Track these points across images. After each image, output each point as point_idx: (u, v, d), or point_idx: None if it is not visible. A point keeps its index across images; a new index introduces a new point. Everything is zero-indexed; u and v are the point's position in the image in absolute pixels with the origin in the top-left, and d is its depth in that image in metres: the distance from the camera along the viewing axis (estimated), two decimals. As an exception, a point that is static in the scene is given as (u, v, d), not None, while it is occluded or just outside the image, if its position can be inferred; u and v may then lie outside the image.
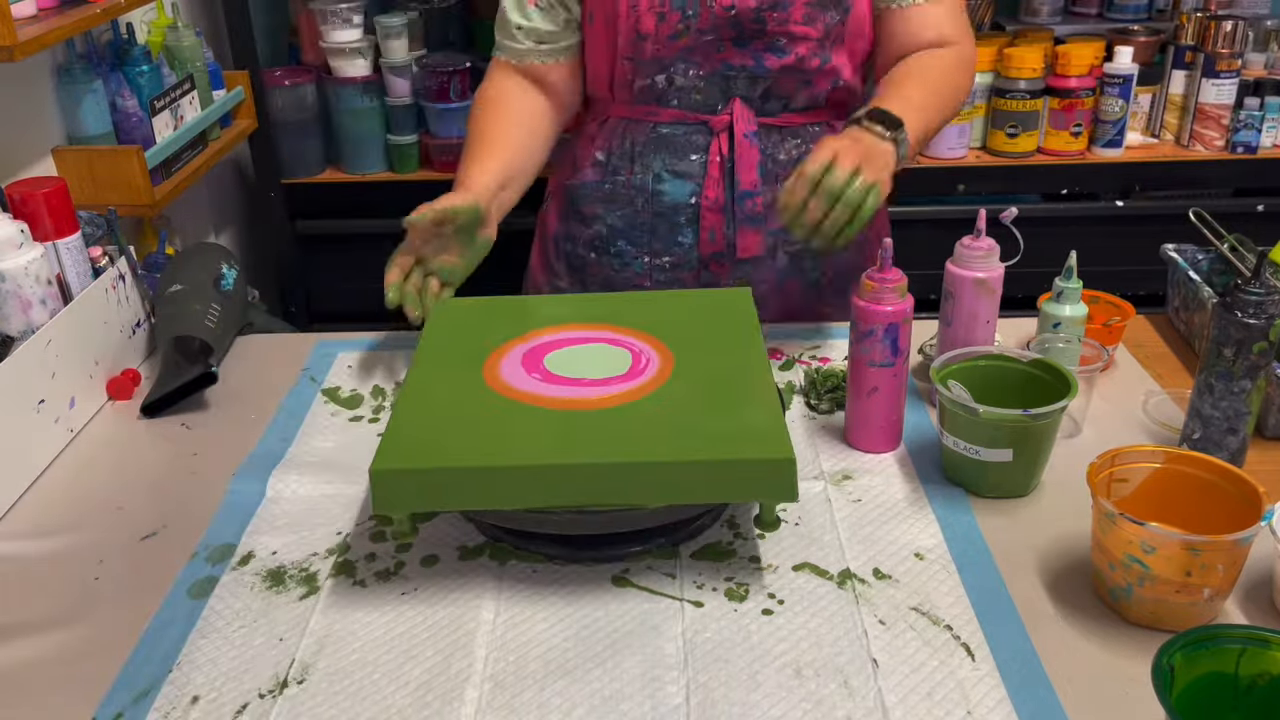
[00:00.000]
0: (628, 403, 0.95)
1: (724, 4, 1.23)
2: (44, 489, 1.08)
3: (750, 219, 1.33)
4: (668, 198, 1.34)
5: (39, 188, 1.21)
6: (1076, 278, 1.15)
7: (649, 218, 1.36)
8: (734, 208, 1.32)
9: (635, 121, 1.34)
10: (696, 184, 1.33)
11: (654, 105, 1.32)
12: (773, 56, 1.27)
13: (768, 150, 1.32)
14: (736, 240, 1.34)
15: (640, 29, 1.26)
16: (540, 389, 0.98)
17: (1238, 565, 0.84)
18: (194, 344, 1.24)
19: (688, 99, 1.31)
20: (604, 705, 0.80)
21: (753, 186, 1.31)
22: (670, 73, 1.29)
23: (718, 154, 1.32)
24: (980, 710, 0.78)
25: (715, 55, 1.27)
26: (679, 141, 1.33)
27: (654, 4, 1.24)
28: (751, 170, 1.31)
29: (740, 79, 1.29)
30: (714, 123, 1.31)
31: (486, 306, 1.18)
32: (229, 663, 0.85)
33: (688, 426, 0.92)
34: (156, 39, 1.90)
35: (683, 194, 1.34)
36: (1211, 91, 2.32)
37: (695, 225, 1.34)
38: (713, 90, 1.30)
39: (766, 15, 1.24)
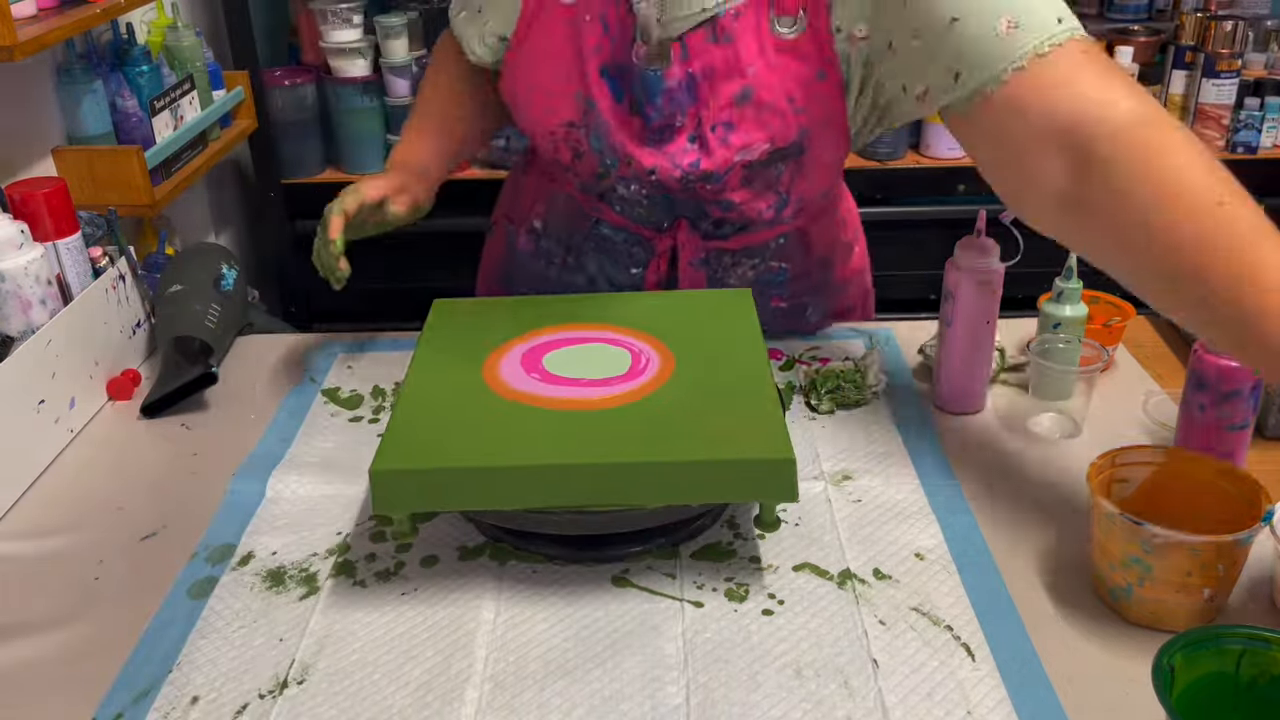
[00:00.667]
0: (628, 403, 0.95)
1: (644, 167, 1.10)
2: (44, 489, 1.08)
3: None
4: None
5: (39, 188, 1.21)
6: (1076, 278, 1.15)
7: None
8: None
9: (579, 210, 1.22)
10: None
11: (597, 200, 1.20)
12: (717, 209, 1.15)
13: (716, 275, 1.21)
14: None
15: (559, 159, 1.16)
16: (539, 389, 0.98)
17: (1238, 565, 0.84)
18: (194, 344, 1.24)
19: (631, 211, 1.19)
20: (604, 705, 0.80)
21: None
22: (613, 181, 1.16)
23: (655, 273, 1.22)
24: (980, 710, 0.78)
25: (656, 192, 1.15)
26: (619, 249, 1.22)
27: (569, 137, 1.12)
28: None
29: (688, 207, 1.17)
30: (657, 244, 1.20)
31: (486, 306, 1.18)
32: (229, 663, 0.85)
33: (687, 427, 0.91)
34: (156, 39, 1.90)
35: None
36: (1211, 91, 2.32)
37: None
38: (655, 208, 1.17)
39: (697, 187, 1.11)
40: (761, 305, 1.16)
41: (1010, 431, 1.13)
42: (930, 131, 2.37)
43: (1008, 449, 1.09)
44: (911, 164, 2.39)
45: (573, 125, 1.12)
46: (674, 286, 1.23)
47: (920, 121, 2.39)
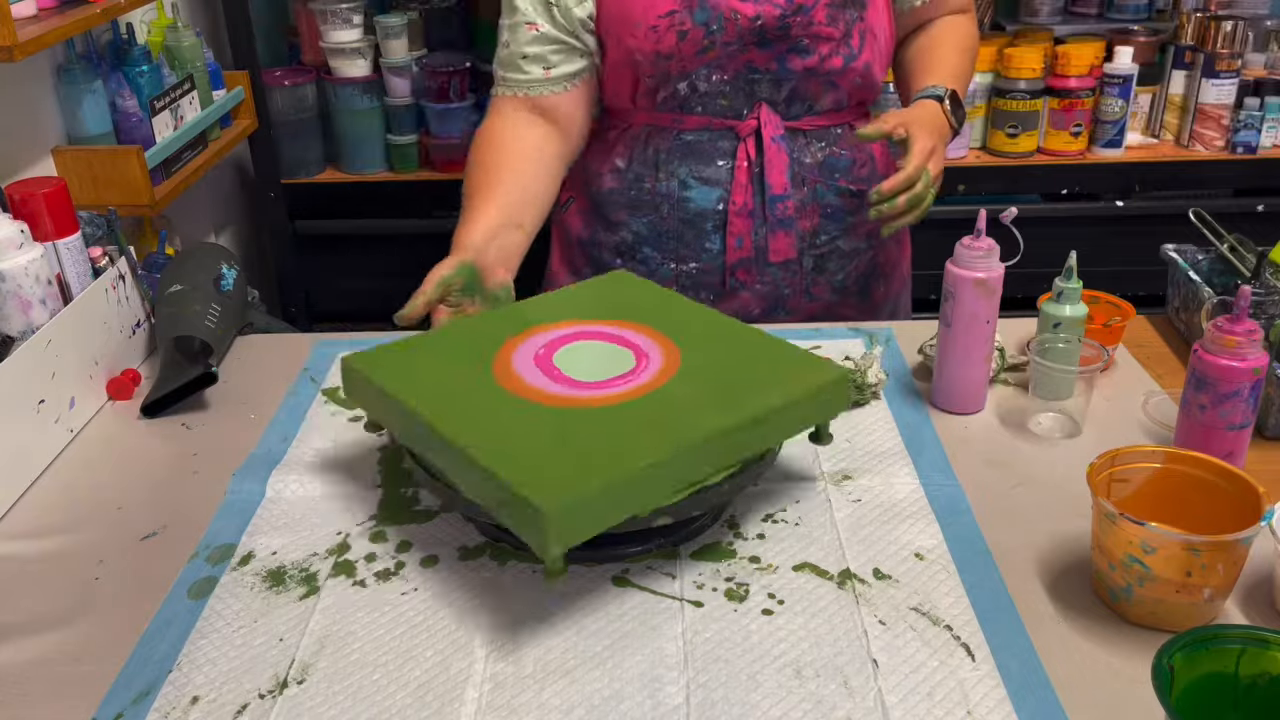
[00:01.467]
0: (642, 395, 0.94)
1: (748, 15, 1.24)
2: (44, 489, 1.08)
3: (782, 223, 1.33)
4: (694, 204, 1.34)
5: (39, 188, 1.20)
6: (1076, 278, 1.15)
7: (675, 224, 1.35)
8: (764, 212, 1.32)
9: (659, 129, 1.34)
10: (724, 190, 1.33)
11: (678, 113, 1.32)
12: (797, 58, 1.28)
13: (794, 154, 1.33)
14: (768, 244, 1.34)
15: (661, 49, 1.26)
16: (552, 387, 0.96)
17: (1238, 565, 0.84)
18: (194, 344, 1.24)
19: (712, 105, 1.31)
20: (604, 705, 0.80)
21: (783, 190, 1.32)
22: (693, 80, 1.29)
23: (745, 159, 1.32)
24: (980, 710, 0.78)
25: (739, 59, 1.27)
26: (704, 148, 1.33)
27: (674, 22, 1.24)
28: (782, 174, 1.31)
29: (764, 82, 1.29)
30: (740, 128, 1.31)
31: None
32: (229, 663, 0.85)
33: (738, 389, 0.94)
34: (156, 39, 1.90)
35: (709, 201, 1.34)
36: (1211, 91, 2.32)
37: (722, 232, 1.34)
38: (737, 95, 1.30)
39: (791, 21, 1.25)
40: (832, 188, 1.36)
41: (1010, 431, 1.13)
42: (930, 131, 2.37)
43: (1008, 449, 1.09)
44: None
45: (673, 12, 1.25)
46: (762, 170, 1.32)
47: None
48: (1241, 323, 0.96)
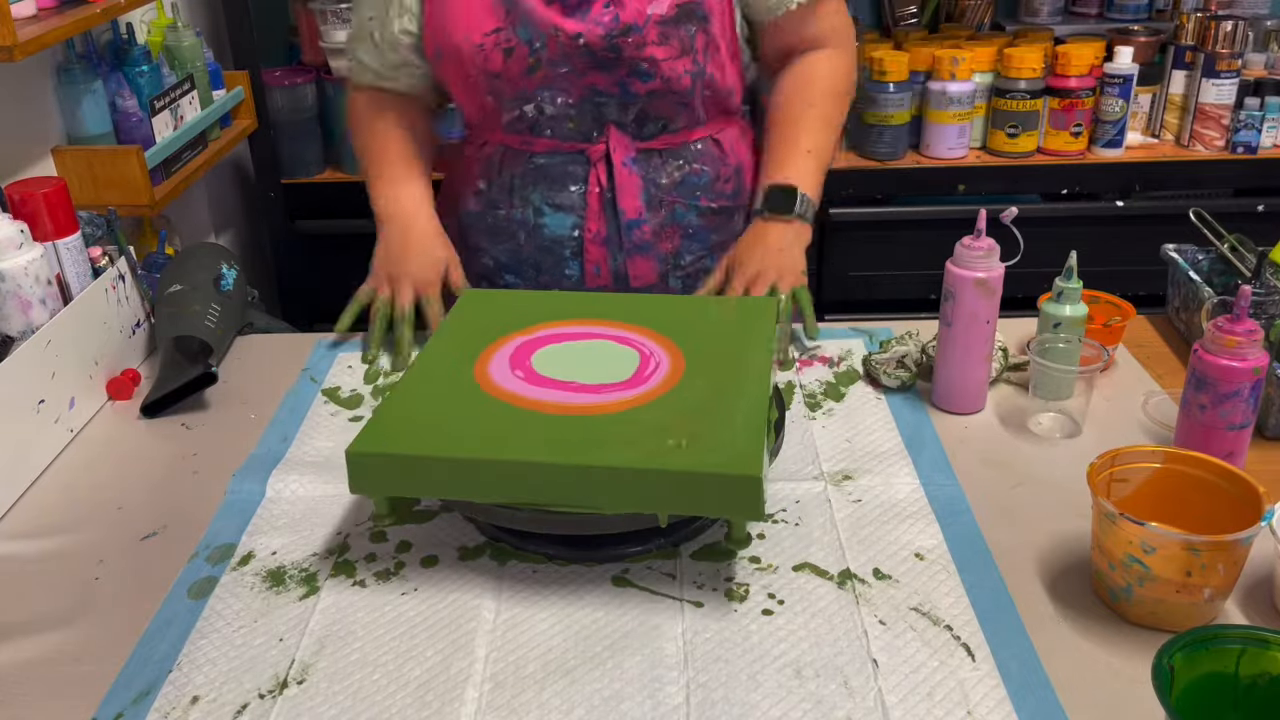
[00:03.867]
0: (611, 411, 0.94)
1: (570, 33, 1.19)
2: (44, 489, 1.08)
3: (639, 248, 1.30)
4: (549, 231, 1.31)
5: (39, 188, 1.20)
6: (1076, 278, 1.15)
7: (532, 251, 1.33)
8: (620, 238, 1.30)
9: (512, 150, 1.31)
10: (578, 216, 1.30)
11: (528, 134, 1.29)
12: (638, 81, 1.23)
13: (649, 175, 1.29)
14: (628, 270, 1.31)
15: (490, 68, 1.23)
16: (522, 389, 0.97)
17: (1238, 565, 0.84)
18: (194, 344, 1.24)
19: (560, 128, 1.27)
20: (604, 705, 0.80)
21: (638, 215, 1.29)
22: (539, 102, 1.25)
23: (596, 184, 1.28)
24: (980, 710, 0.78)
25: (580, 83, 1.23)
26: (556, 172, 1.29)
27: (500, 40, 1.21)
28: (635, 198, 1.28)
29: (611, 105, 1.25)
30: (590, 152, 1.27)
31: (516, 298, 1.18)
32: (229, 663, 0.85)
33: (661, 435, 0.90)
34: (156, 39, 1.90)
35: (564, 227, 1.31)
36: (1211, 91, 2.32)
37: (580, 259, 1.32)
38: (584, 118, 1.26)
39: (619, 42, 1.19)
40: (693, 209, 1.33)
41: (1010, 431, 1.13)
42: (930, 132, 2.38)
43: (1008, 449, 1.09)
44: (911, 164, 2.39)
45: (499, 29, 1.22)
46: (614, 194, 1.29)
47: (920, 122, 2.39)
48: (1241, 323, 0.96)
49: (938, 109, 2.34)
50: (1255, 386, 0.97)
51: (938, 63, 2.32)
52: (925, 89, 2.36)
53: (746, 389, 0.97)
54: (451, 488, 0.90)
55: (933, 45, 2.39)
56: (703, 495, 0.86)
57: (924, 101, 2.37)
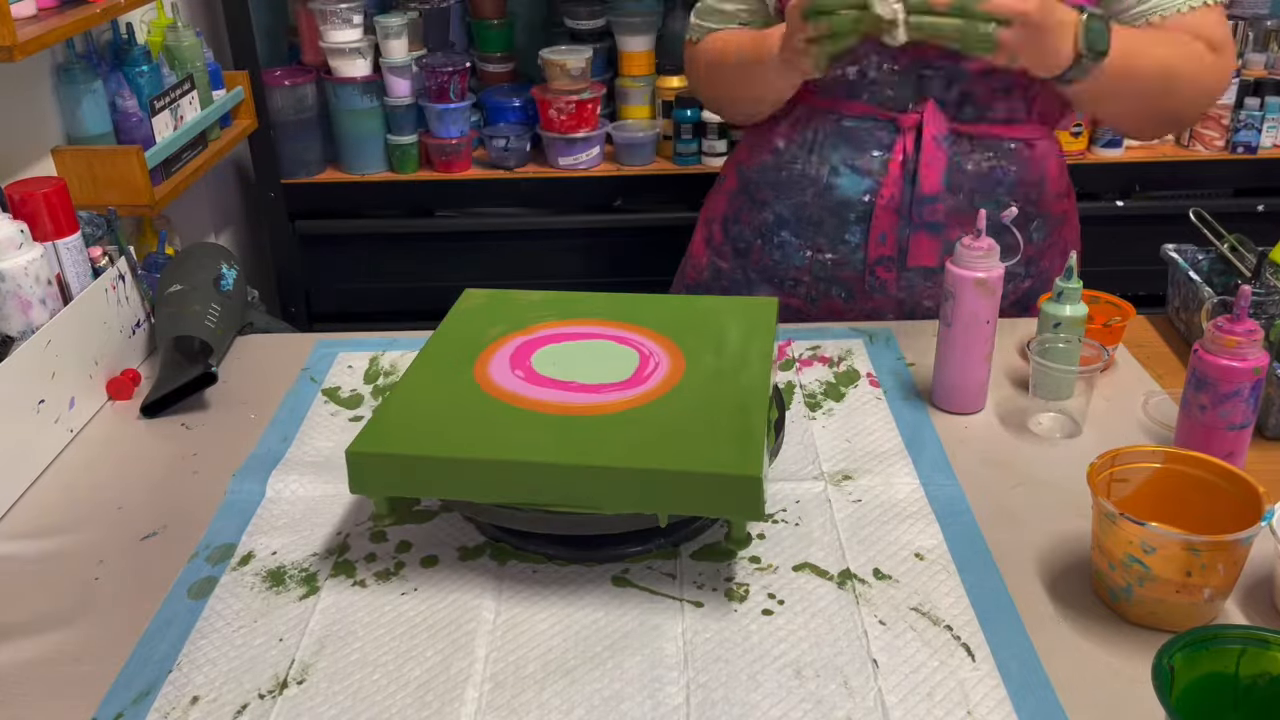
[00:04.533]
0: (613, 411, 0.94)
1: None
2: (44, 489, 1.08)
3: (928, 226, 1.29)
4: (840, 191, 1.31)
5: (39, 188, 1.20)
6: (1076, 278, 1.15)
7: (817, 210, 1.32)
8: (911, 212, 1.29)
9: (821, 112, 1.31)
10: (874, 181, 1.29)
11: (843, 98, 1.29)
12: (970, 63, 1.21)
13: (955, 158, 1.28)
14: (910, 246, 1.30)
15: None
16: (523, 389, 0.98)
17: (1238, 565, 0.84)
18: (194, 344, 1.24)
19: (879, 94, 1.27)
20: (604, 705, 0.80)
21: (934, 191, 1.27)
22: (863, 65, 1.25)
23: (901, 153, 1.28)
24: (980, 710, 0.78)
25: (912, 50, 1.19)
26: (862, 136, 1.29)
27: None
28: (936, 175, 1.27)
29: (936, 79, 1.24)
30: (902, 120, 1.27)
31: (514, 297, 1.18)
32: (229, 663, 0.85)
33: (662, 435, 0.90)
34: (156, 39, 1.90)
35: (857, 190, 1.30)
36: (1211, 91, 2.32)
37: (865, 224, 1.31)
38: (906, 87, 1.26)
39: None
40: (991, 203, 1.28)
41: (1010, 431, 1.13)
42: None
43: (1008, 449, 1.09)
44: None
45: None
46: (917, 168, 1.27)
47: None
48: (1241, 323, 0.95)
49: (938, 109, 2.34)
50: (1255, 386, 0.97)
51: (938, 63, 2.32)
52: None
53: (746, 389, 0.97)
54: (451, 488, 0.90)
55: (933, 45, 2.39)
56: (703, 495, 0.86)
57: (924, 101, 2.37)
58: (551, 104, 2.25)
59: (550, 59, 2.24)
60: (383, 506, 0.95)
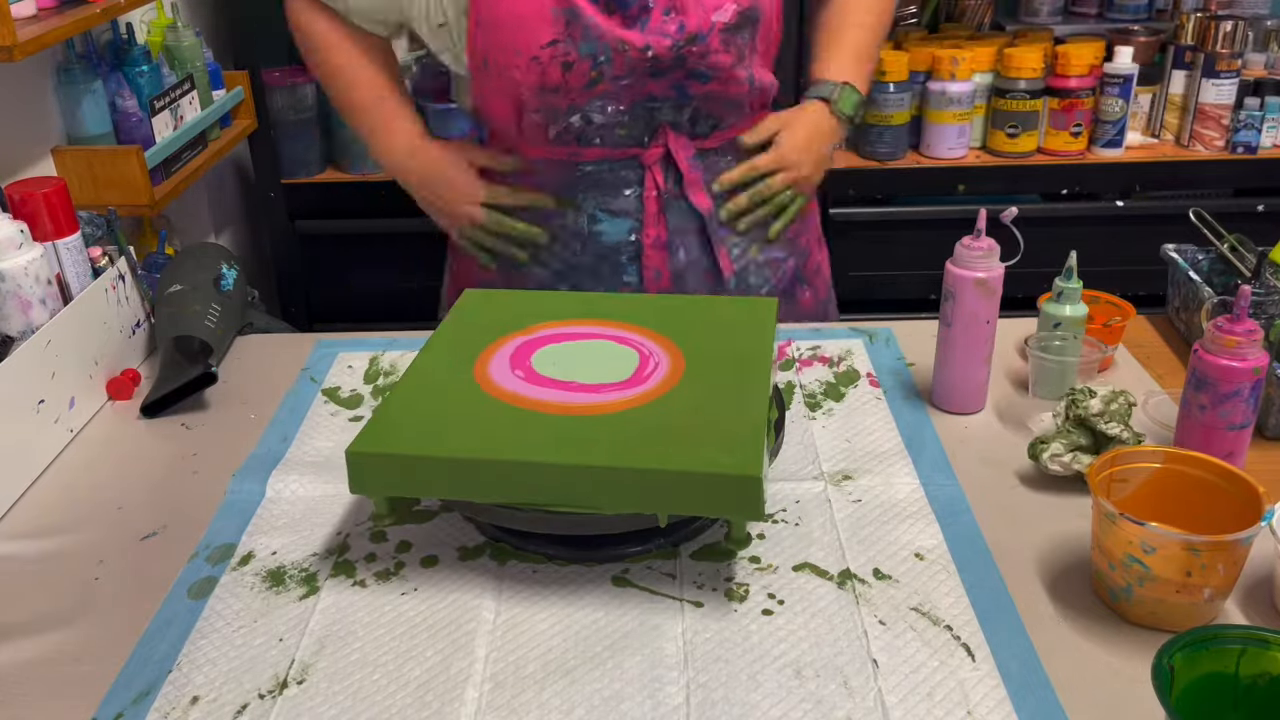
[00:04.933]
0: (613, 410, 0.94)
1: (637, 46, 1.16)
2: (44, 489, 1.08)
3: (723, 240, 1.30)
4: (606, 238, 1.29)
5: (39, 188, 1.20)
6: (1076, 278, 1.15)
7: (589, 259, 1.30)
8: (682, 241, 1.29)
9: (558, 162, 1.27)
10: (635, 220, 1.28)
11: (574, 146, 1.25)
12: (695, 83, 1.21)
13: (711, 175, 1.29)
14: (719, 261, 1.30)
15: (546, 83, 1.18)
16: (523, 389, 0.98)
17: (1238, 565, 0.84)
18: (194, 344, 1.24)
19: (611, 136, 1.24)
20: (604, 705, 0.80)
21: (709, 208, 1.28)
22: (586, 112, 1.22)
23: (653, 188, 1.27)
24: (980, 710, 0.78)
25: (635, 90, 1.20)
26: (608, 179, 1.27)
27: (557, 54, 1.16)
28: (703, 194, 1.28)
29: (665, 108, 1.23)
30: (645, 157, 1.25)
31: (516, 298, 1.18)
32: (229, 663, 0.85)
33: (661, 436, 0.90)
34: (156, 39, 1.90)
35: (621, 232, 1.29)
36: (1211, 91, 2.32)
37: (638, 263, 1.30)
38: (637, 124, 1.23)
39: (686, 51, 1.18)
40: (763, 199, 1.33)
41: (1010, 431, 1.13)
42: (930, 132, 2.38)
43: (1008, 449, 1.09)
44: (912, 164, 2.40)
45: (555, 42, 1.17)
46: (679, 194, 1.28)
47: (920, 122, 2.39)
48: (1241, 323, 0.95)
49: (938, 109, 2.35)
50: (1255, 386, 0.97)
51: (938, 63, 2.32)
52: (925, 89, 2.36)
53: (746, 389, 0.97)
54: (451, 488, 0.90)
55: (932, 45, 2.39)
56: (703, 495, 0.86)
57: (924, 101, 2.37)
58: (551, 104, 2.25)
59: (550, 59, 2.24)
60: (383, 506, 0.95)
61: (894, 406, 1.17)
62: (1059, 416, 1.04)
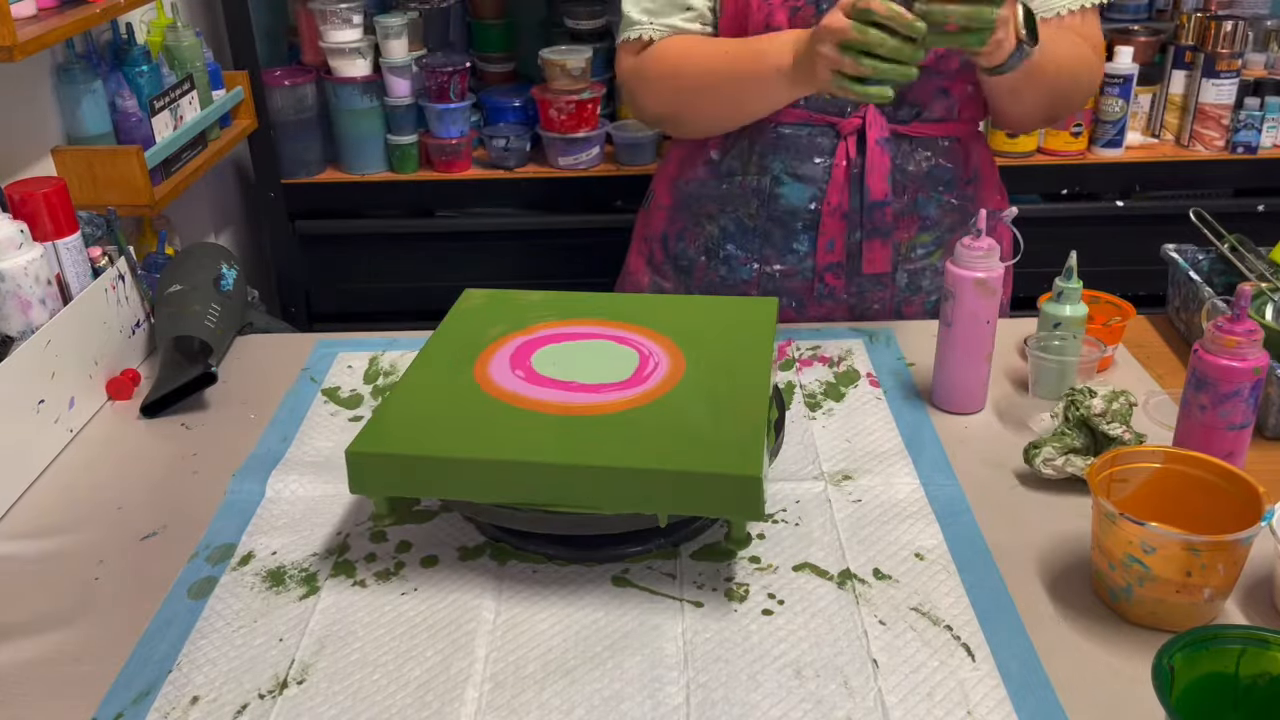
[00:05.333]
0: (613, 410, 0.94)
1: None
2: (44, 489, 1.08)
3: (878, 230, 1.29)
4: (785, 201, 1.29)
5: (39, 188, 1.20)
6: (1076, 278, 1.15)
7: (763, 222, 1.31)
8: (861, 218, 1.28)
9: (755, 122, 1.28)
10: (818, 189, 1.28)
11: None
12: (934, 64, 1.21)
13: (897, 160, 1.28)
14: (862, 253, 1.30)
15: (771, 22, 1.20)
16: (523, 389, 0.98)
17: (1238, 565, 0.84)
18: (194, 344, 1.24)
19: (815, 99, 1.25)
20: (604, 705, 0.80)
21: (883, 196, 1.27)
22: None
23: (844, 158, 1.27)
24: (980, 710, 0.78)
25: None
26: (802, 143, 1.27)
27: (787, 2, 1.18)
28: (883, 179, 1.27)
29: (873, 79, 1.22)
30: (842, 125, 1.26)
31: (513, 298, 1.17)
32: (229, 663, 0.85)
33: (661, 436, 0.90)
34: (156, 39, 1.90)
35: (802, 198, 1.29)
36: (1211, 91, 2.32)
37: (813, 232, 1.30)
38: None
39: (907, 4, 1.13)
40: (934, 200, 1.32)
41: (1010, 431, 1.13)
42: (930, 131, 2.37)
43: (1008, 449, 1.09)
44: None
45: None
46: (861, 172, 1.27)
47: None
48: (1241, 323, 0.95)
49: (938, 109, 2.34)
50: (1255, 386, 0.97)
51: (938, 63, 2.32)
52: (925, 89, 2.35)
53: (746, 389, 0.97)
54: (451, 488, 0.90)
55: (933, 45, 2.39)
56: (703, 495, 0.86)
57: (924, 101, 2.37)
58: (551, 104, 2.25)
59: (550, 59, 2.24)
60: (383, 506, 0.95)
61: (894, 406, 1.17)
62: (1056, 417, 1.04)
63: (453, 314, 1.13)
